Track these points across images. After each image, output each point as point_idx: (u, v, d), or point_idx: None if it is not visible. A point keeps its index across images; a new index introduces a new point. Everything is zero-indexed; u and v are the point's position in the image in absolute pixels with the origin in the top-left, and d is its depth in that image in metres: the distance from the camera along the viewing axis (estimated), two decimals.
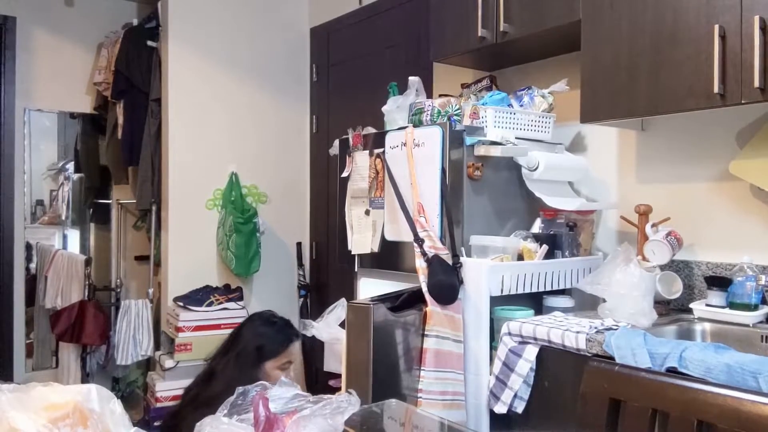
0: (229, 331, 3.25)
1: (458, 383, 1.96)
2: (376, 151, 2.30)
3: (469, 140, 2.10)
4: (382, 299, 2.05)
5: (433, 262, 1.96)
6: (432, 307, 1.94)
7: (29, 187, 4.08)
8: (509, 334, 1.87)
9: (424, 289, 1.95)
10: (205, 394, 1.98)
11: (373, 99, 2.68)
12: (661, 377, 1.30)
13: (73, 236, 4.37)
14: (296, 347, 2.13)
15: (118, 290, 4.13)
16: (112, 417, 0.97)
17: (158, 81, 3.60)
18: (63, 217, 4.31)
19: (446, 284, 1.95)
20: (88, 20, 4.09)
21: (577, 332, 1.70)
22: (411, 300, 2.02)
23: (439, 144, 2.06)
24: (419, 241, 1.99)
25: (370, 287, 2.38)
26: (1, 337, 3.88)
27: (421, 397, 1.89)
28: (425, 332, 1.94)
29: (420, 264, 1.97)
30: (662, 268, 2.00)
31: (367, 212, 2.34)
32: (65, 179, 4.32)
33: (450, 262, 1.98)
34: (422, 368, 1.92)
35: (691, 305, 1.96)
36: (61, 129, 4.29)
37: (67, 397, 0.96)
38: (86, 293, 3.67)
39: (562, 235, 2.18)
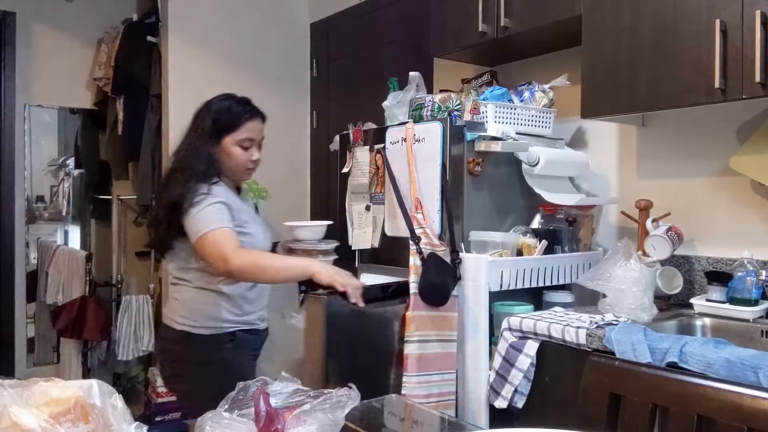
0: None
1: (446, 383, 1.96)
2: (377, 146, 2.30)
3: (469, 136, 2.10)
4: (366, 290, 2.05)
5: (428, 261, 1.94)
6: (414, 311, 1.92)
7: (29, 183, 4.08)
8: (509, 329, 1.87)
9: (413, 289, 1.93)
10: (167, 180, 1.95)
11: (373, 94, 2.67)
12: (661, 372, 1.30)
13: (74, 232, 4.37)
14: (256, 125, 1.98)
15: (119, 286, 4.14)
16: (113, 412, 0.98)
17: (158, 76, 3.59)
18: (64, 213, 4.32)
19: (437, 287, 1.93)
20: (88, 15, 4.08)
21: (578, 327, 1.70)
22: (401, 291, 2.00)
23: (440, 139, 2.06)
24: (415, 239, 1.98)
25: (370, 282, 2.38)
26: (2, 333, 3.89)
27: None
28: (406, 338, 1.92)
29: (414, 262, 1.96)
30: (663, 263, 2.00)
31: (368, 208, 2.34)
32: (66, 175, 4.32)
33: (448, 258, 1.98)
34: (404, 373, 1.91)
35: (692, 300, 1.96)
36: (62, 125, 4.29)
37: (69, 393, 0.96)
38: (87, 289, 3.68)
39: (562, 231, 2.18)
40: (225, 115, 1.94)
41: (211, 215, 1.80)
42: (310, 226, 2.16)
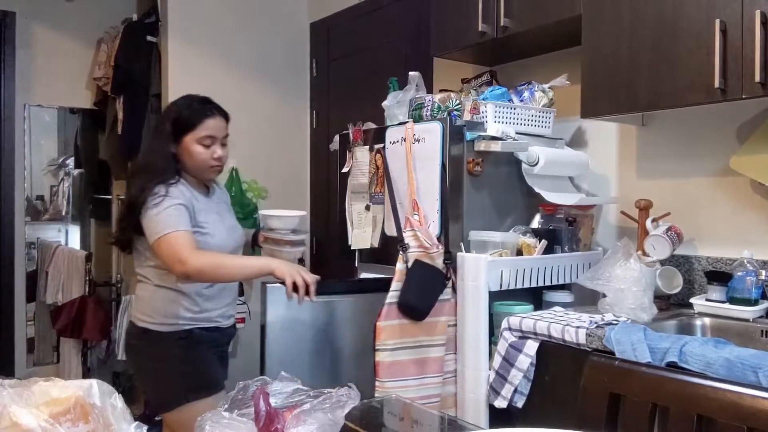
0: None
1: (425, 387, 1.98)
2: (377, 146, 2.30)
3: (469, 135, 2.10)
4: (355, 282, 2.17)
5: (411, 272, 1.97)
6: (385, 321, 1.96)
7: (29, 182, 4.08)
8: (509, 329, 1.87)
9: (390, 298, 1.97)
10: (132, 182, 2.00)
11: (373, 94, 2.67)
12: (661, 372, 1.30)
13: (74, 232, 4.37)
14: (216, 123, 1.96)
15: (119, 285, 4.14)
16: (113, 412, 0.98)
17: (158, 76, 3.59)
18: (63, 213, 4.31)
19: (414, 307, 1.97)
20: (88, 15, 4.08)
21: (578, 327, 1.70)
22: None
23: (439, 139, 2.06)
24: (403, 247, 2.01)
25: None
26: (2, 333, 3.89)
27: None
28: (377, 347, 1.96)
29: (399, 267, 1.99)
30: (662, 263, 2.00)
31: (368, 207, 2.34)
32: (65, 175, 4.32)
33: (441, 258, 2.00)
34: (377, 378, 1.96)
35: (692, 300, 1.96)
36: (61, 124, 4.29)
37: (69, 392, 0.97)
38: (87, 289, 3.68)
39: (562, 231, 2.18)
40: (184, 114, 1.95)
41: (168, 218, 1.81)
42: (281, 216, 2.18)
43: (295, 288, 1.79)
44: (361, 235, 2.36)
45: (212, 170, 1.99)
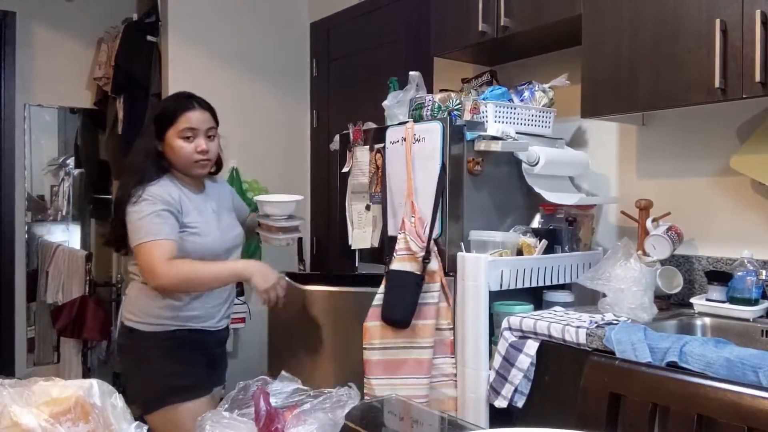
0: (232, 326, 3.28)
1: (411, 387, 2.00)
2: (377, 146, 2.30)
3: (469, 135, 2.10)
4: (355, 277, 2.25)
5: (388, 285, 2.02)
6: (370, 322, 2.03)
7: (30, 182, 4.08)
8: (510, 329, 1.87)
9: (377, 300, 2.04)
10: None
11: (373, 94, 2.67)
12: (661, 372, 1.30)
13: (74, 231, 4.37)
14: (196, 115, 1.91)
15: (119, 285, 4.14)
16: (113, 411, 0.98)
17: (158, 76, 3.59)
18: (64, 213, 4.31)
19: (396, 320, 2.02)
20: (88, 15, 4.08)
21: (578, 327, 1.70)
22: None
23: (440, 139, 2.06)
24: (387, 258, 2.06)
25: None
26: (2, 333, 3.89)
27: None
28: (364, 346, 2.03)
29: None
30: (663, 262, 2.00)
31: (368, 207, 2.34)
32: (66, 175, 4.32)
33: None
34: (365, 376, 2.01)
35: (692, 300, 1.96)
36: (62, 124, 4.29)
37: (69, 392, 0.97)
38: (87, 289, 3.68)
39: (562, 230, 2.18)
40: (164, 109, 1.95)
41: (151, 225, 1.79)
42: (276, 202, 2.14)
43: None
44: (362, 234, 2.36)
45: (198, 165, 1.93)
